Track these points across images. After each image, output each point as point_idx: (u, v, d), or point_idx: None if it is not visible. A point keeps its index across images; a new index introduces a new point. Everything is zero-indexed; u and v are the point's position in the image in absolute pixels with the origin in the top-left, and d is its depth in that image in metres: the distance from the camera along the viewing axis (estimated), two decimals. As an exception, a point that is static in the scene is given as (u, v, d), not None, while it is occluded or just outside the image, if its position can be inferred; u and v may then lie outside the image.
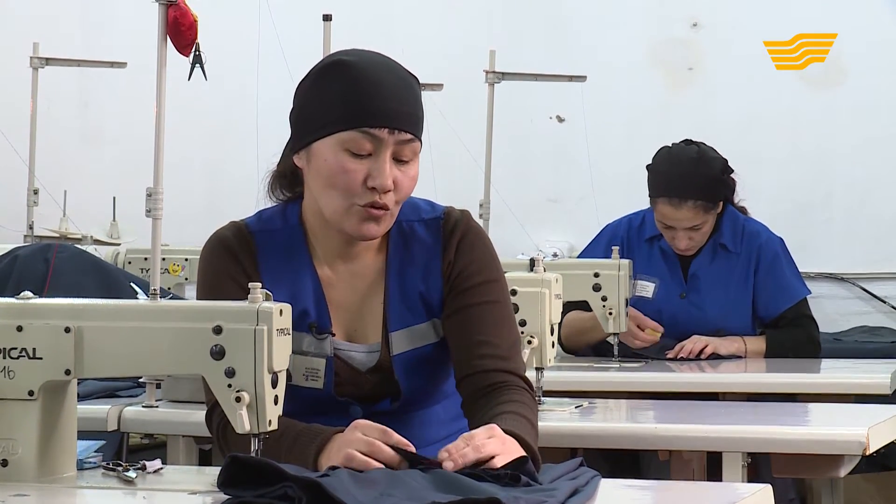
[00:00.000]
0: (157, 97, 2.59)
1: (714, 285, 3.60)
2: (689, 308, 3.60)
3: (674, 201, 3.51)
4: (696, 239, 3.57)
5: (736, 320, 3.58)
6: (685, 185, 3.50)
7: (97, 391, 2.77)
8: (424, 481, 1.73)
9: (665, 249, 3.63)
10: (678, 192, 3.50)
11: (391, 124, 1.97)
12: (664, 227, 3.58)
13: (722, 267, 3.60)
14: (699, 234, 3.56)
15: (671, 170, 3.53)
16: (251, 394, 1.78)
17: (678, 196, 3.50)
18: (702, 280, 3.60)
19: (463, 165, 4.10)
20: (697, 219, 3.52)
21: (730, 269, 3.60)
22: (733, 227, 3.62)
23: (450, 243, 2.07)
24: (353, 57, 2.00)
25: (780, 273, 3.61)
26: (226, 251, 2.06)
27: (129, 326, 1.84)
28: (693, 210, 3.51)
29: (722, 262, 3.60)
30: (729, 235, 3.61)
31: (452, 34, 5.06)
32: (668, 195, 3.51)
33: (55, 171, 4.78)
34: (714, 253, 3.61)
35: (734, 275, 3.60)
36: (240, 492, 1.69)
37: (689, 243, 3.57)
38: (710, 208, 3.54)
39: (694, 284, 3.61)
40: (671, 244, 3.60)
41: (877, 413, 2.52)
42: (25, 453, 1.86)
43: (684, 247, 3.57)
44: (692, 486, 2.21)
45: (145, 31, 2.82)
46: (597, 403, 2.77)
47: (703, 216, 3.53)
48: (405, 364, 2.07)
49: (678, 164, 3.53)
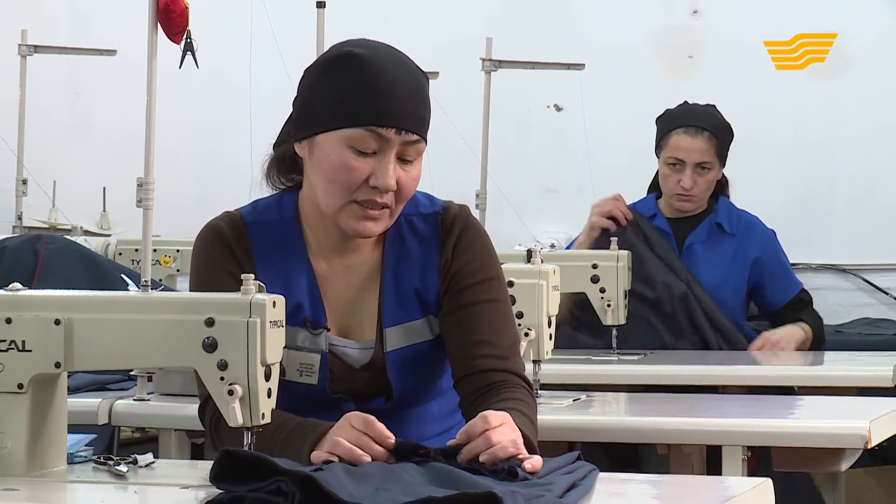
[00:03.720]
0: (148, 85, 2.56)
1: (709, 259, 3.65)
2: None
3: (690, 130, 3.63)
4: (699, 186, 3.63)
5: (728, 298, 3.61)
6: (702, 117, 3.65)
7: (88, 384, 2.75)
8: (420, 475, 1.71)
9: (661, 227, 3.68)
10: (696, 122, 3.64)
11: (399, 125, 1.95)
12: (672, 167, 3.64)
13: (717, 244, 3.67)
14: (704, 180, 3.62)
15: (687, 108, 3.70)
16: (244, 387, 1.76)
17: (695, 125, 3.63)
18: (697, 254, 3.66)
19: (459, 155, 4.07)
20: (709, 155, 3.62)
21: (725, 246, 3.66)
22: (728, 211, 3.70)
23: (448, 240, 2.06)
24: (364, 50, 1.97)
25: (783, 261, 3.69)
26: (219, 242, 2.04)
27: (120, 319, 1.82)
28: (707, 143, 3.62)
29: (717, 240, 3.67)
30: (725, 217, 3.68)
31: (448, 21, 5.04)
32: (685, 124, 3.64)
33: (44, 160, 4.75)
34: (710, 230, 3.67)
35: (728, 253, 3.66)
36: (232, 486, 1.67)
37: (694, 188, 3.62)
38: (720, 150, 3.63)
39: (689, 257, 3.65)
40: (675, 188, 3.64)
41: (879, 406, 2.51)
42: (15, 447, 1.84)
43: (688, 186, 3.62)
44: (692, 479, 2.21)
45: (135, 18, 2.79)
46: (595, 396, 2.76)
47: (714, 157, 3.63)
48: (399, 361, 2.06)
49: (693, 106, 3.71)
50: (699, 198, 3.65)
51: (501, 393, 1.98)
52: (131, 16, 3.21)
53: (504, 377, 2.01)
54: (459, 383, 2.04)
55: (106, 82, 5.29)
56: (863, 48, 4.77)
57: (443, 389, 2.12)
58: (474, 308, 2.03)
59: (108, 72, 5.13)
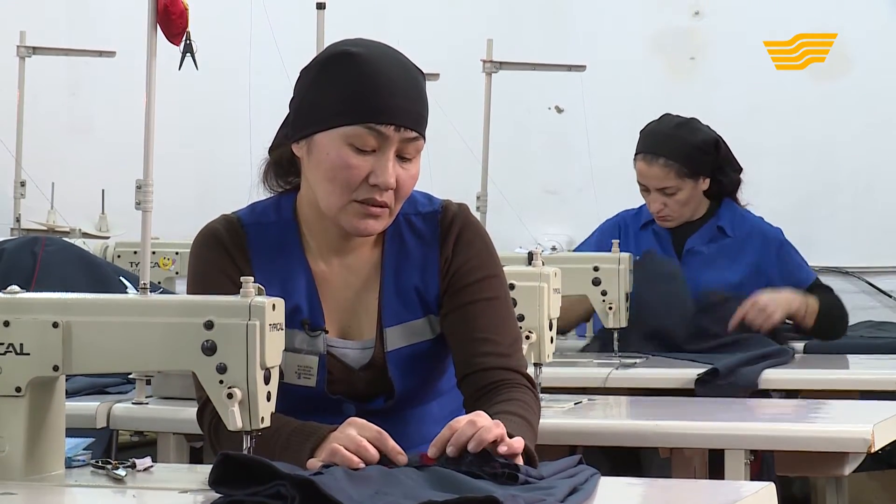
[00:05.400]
0: (147, 87, 2.56)
1: (709, 263, 3.63)
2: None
3: (647, 157, 3.61)
4: (671, 206, 3.61)
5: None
6: (659, 143, 3.61)
7: (86, 388, 2.74)
8: (420, 479, 1.70)
9: (658, 231, 3.68)
10: (651, 149, 3.61)
11: (398, 122, 1.94)
12: (643, 190, 3.65)
13: (718, 247, 3.65)
14: (673, 201, 3.61)
15: (652, 129, 3.65)
16: (243, 390, 1.75)
17: (651, 152, 3.60)
18: (696, 256, 3.64)
19: (460, 157, 4.06)
20: (668, 180, 3.59)
21: (726, 249, 3.64)
22: (732, 214, 3.68)
23: (447, 238, 2.05)
24: (361, 48, 1.97)
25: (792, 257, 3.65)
26: (217, 245, 2.03)
27: (119, 321, 1.81)
28: (663, 169, 3.58)
29: (719, 243, 3.65)
30: (727, 220, 3.66)
31: (449, 23, 5.03)
32: (643, 151, 3.62)
33: (42, 162, 4.75)
34: (711, 234, 3.66)
35: (730, 255, 3.64)
36: (232, 490, 1.66)
37: (664, 210, 3.62)
38: (684, 174, 3.59)
39: (688, 261, 3.64)
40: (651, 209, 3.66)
41: (882, 410, 2.49)
42: (12, 451, 1.84)
43: (656, 210, 3.63)
44: (694, 484, 2.19)
45: (135, 20, 2.78)
46: (596, 400, 2.74)
47: (676, 180, 3.59)
48: (399, 361, 2.05)
49: (660, 125, 3.66)
50: (675, 216, 3.64)
51: (503, 393, 1.97)
52: (131, 17, 3.21)
53: (506, 375, 2.00)
54: (462, 382, 2.03)
55: (105, 84, 5.29)
56: (863, 48, 4.76)
57: (443, 390, 2.11)
58: (475, 306, 2.02)
59: (107, 73, 5.13)
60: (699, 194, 3.63)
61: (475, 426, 1.76)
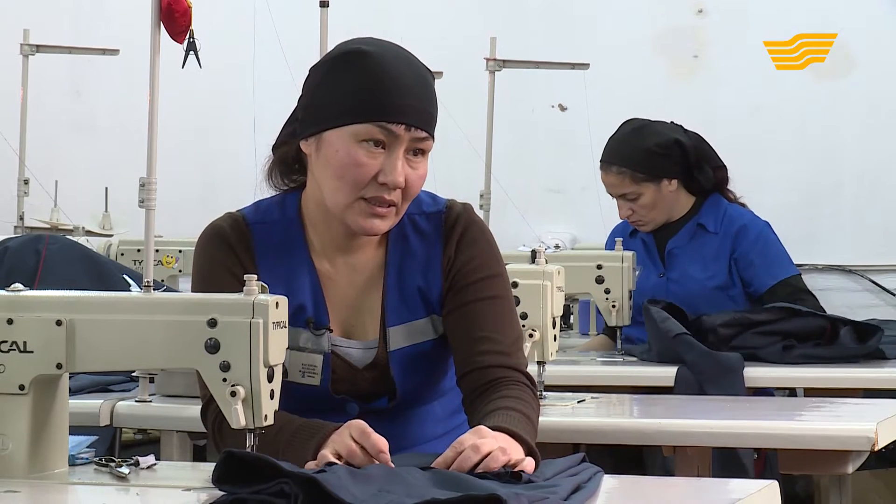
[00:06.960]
0: (151, 85, 2.55)
1: (690, 261, 3.62)
2: (668, 286, 3.61)
3: (602, 165, 3.63)
4: (638, 212, 3.61)
5: (719, 297, 3.56)
6: (611, 151, 3.63)
7: (89, 385, 2.74)
8: (423, 478, 1.70)
9: (643, 238, 3.68)
10: (606, 157, 3.63)
11: (409, 121, 1.94)
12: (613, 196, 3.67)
13: (699, 245, 3.64)
14: (639, 206, 3.60)
15: (611, 137, 3.67)
16: (246, 388, 1.75)
17: (605, 160, 3.62)
18: (678, 257, 3.64)
19: (463, 155, 4.06)
20: (625, 187, 3.59)
21: (707, 246, 3.63)
22: (715, 210, 3.65)
23: (451, 238, 2.05)
24: (373, 47, 1.97)
25: (764, 250, 3.61)
26: (222, 242, 2.03)
27: (122, 319, 1.81)
28: (617, 177, 3.59)
29: (700, 240, 3.64)
30: (710, 217, 3.64)
31: (452, 20, 5.03)
32: (601, 160, 3.64)
33: (46, 160, 4.75)
34: (693, 233, 3.65)
35: (711, 251, 3.62)
36: (235, 488, 1.66)
37: (633, 215, 3.62)
38: (640, 178, 3.58)
39: (671, 262, 3.64)
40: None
41: (886, 408, 2.49)
42: (16, 449, 1.84)
43: (625, 216, 3.64)
44: (697, 482, 2.18)
45: (138, 18, 2.78)
46: (600, 398, 2.74)
47: (633, 185, 3.59)
48: (402, 360, 2.04)
49: (617, 132, 3.66)
50: (647, 220, 3.63)
51: (501, 390, 1.97)
52: (134, 15, 3.21)
53: (505, 373, 1.99)
54: (461, 380, 2.03)
55: (108, 82, 5.29)
56: (863, 48, 4.75)
57: (446, 389, 2.11)
58: (477, 305, 2.02)
59: (111, 71, 5.13)
60: (668, 195, 3.60)
61: (480, 452, 1.75)
